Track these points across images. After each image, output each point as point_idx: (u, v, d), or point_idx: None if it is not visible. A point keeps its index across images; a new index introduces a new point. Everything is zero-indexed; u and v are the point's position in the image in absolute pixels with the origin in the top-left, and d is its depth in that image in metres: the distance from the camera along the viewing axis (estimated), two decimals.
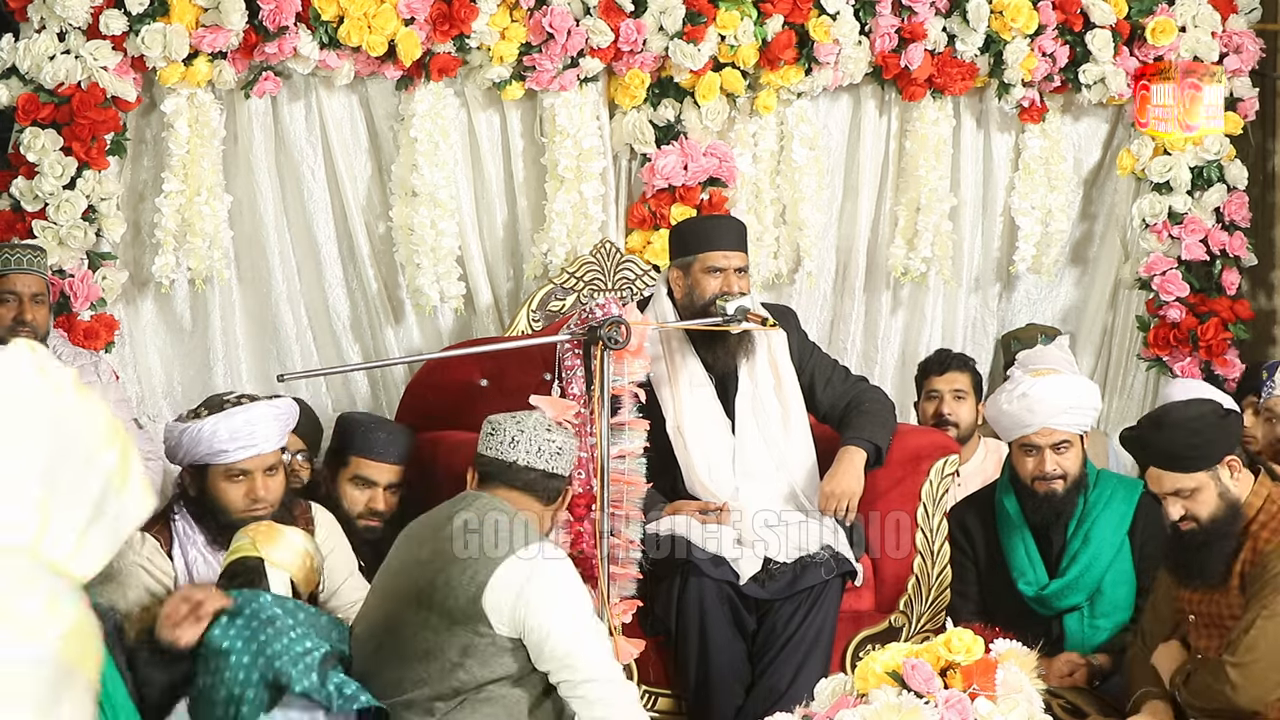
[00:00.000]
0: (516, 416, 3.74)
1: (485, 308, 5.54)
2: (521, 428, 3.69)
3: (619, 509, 4.20)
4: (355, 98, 5.45)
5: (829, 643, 4.51)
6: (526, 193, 5.54)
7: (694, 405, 4.60)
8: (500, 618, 3.50)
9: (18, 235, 5.04)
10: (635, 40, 5.34)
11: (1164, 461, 3.85)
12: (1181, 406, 3.99)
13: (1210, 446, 3.83)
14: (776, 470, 4.60)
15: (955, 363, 5.40)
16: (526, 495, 3.69)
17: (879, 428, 4.65)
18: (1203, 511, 3.84)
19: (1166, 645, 4.01)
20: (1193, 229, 5.83)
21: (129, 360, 5.37)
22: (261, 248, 5.44)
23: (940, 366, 5.38)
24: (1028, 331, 5.82)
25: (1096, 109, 5.92)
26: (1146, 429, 3.93)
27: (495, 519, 3.59)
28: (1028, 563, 4.57)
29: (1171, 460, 3.83)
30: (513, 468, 3.67)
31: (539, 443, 3.68)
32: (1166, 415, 3.92)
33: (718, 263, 4.58)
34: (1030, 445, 4.52)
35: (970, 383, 5.38)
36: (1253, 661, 3.73)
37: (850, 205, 5.81)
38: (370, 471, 4.59)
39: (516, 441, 3.67)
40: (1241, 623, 3.78)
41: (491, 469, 3.69)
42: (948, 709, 3.30)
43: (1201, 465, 3.82)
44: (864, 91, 5.74)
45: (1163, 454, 3.85)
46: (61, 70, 5.02)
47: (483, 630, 3.50)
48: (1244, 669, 3.73)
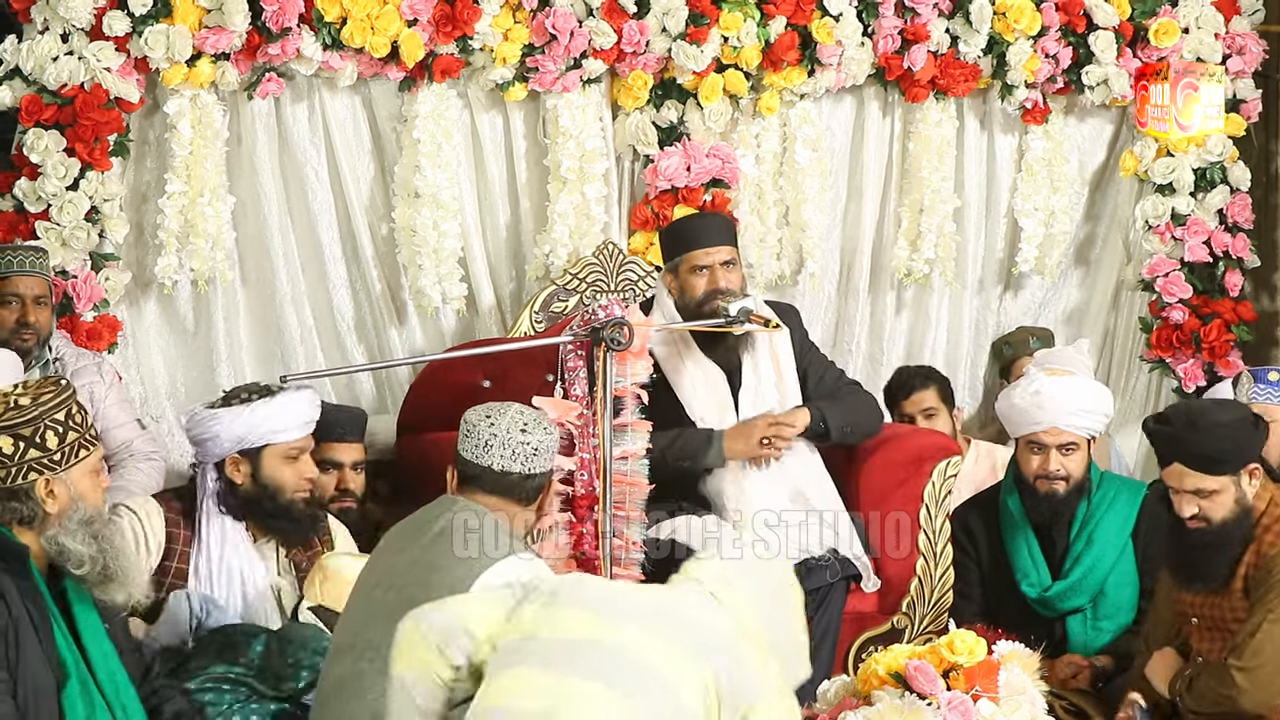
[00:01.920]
0: (490, 415, 3.60)
1: (488, 309, 5.55)
2: (495, 431, 3.56)
3: (621, 510, 4.21)
4: (358, 99, 5.45)
5: (833, 645, 4.51)
6: (529, 194, 5.54)
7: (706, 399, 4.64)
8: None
9: (21, 236, 5.05)
10: (638, 41, 5.34)
11: (1193, 462, 3.83)
12: (1215, 409, 3.97)
13: (1240, 452, 3.83)
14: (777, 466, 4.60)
15: (918, 381, 5.39)
16: (505, 499, 3.58)
17: (839, 409, 4.68)
18: (1217, 514, 3.83)
19: (1161, 654, 3.99)
20: (1196, 231, 5.82)
21: (132, 361, 5.37)
22: (264, 249, 5.44)
23: (905, 389, 5.38)
24: (1019, 335, 5.82)
25: (1101, 110, 5.92)
26: (1181, 428, 3.86)
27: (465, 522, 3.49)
28: (1031, 564, 4.57)
29: (1201, 461, 3.82)
30: (489, 472, 3.56)
31: (513, 446, 3.56)
32: (1202, 416, 3.88)
33: (701, 261, 4.63)
34: (1037, 443, 4.52)
35: (939, 396, 5.38)
36: (1258, 666, 3.72)
37: (854, 207, 5.81)
38: (336, 453, 4.74)
39: (490, 446, 3.56)
40: (1247, 626, 3.78)
41: (469, 471, 3.60)
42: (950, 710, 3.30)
43: (1228, 470, 3.82)
44: (867, 93, 5.74)
45: (1194, 454, 3.83)
46: (65, 71, 5.02)
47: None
48: (1250, 673, 3.72)
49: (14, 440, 3.31)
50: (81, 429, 3.40)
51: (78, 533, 3.33)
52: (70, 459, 3.36)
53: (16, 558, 3.30)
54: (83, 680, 3.32)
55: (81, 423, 3.40)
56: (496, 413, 3.60)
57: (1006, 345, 5.81)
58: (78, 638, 3.36)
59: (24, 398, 3.34)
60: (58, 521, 3.34)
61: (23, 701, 3.21)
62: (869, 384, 5.34)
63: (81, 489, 3.38)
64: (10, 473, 3.32)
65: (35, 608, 3.29)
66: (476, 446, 3.57)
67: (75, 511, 3.35)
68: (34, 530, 3.34)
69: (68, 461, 3.36)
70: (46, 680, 3.26)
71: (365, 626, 3.51)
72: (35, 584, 3.31)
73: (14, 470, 3.32)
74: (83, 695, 3.30)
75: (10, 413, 3.32)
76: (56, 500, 3.34)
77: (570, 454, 4.23)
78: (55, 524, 3.34)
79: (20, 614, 3.25)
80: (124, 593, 3.38)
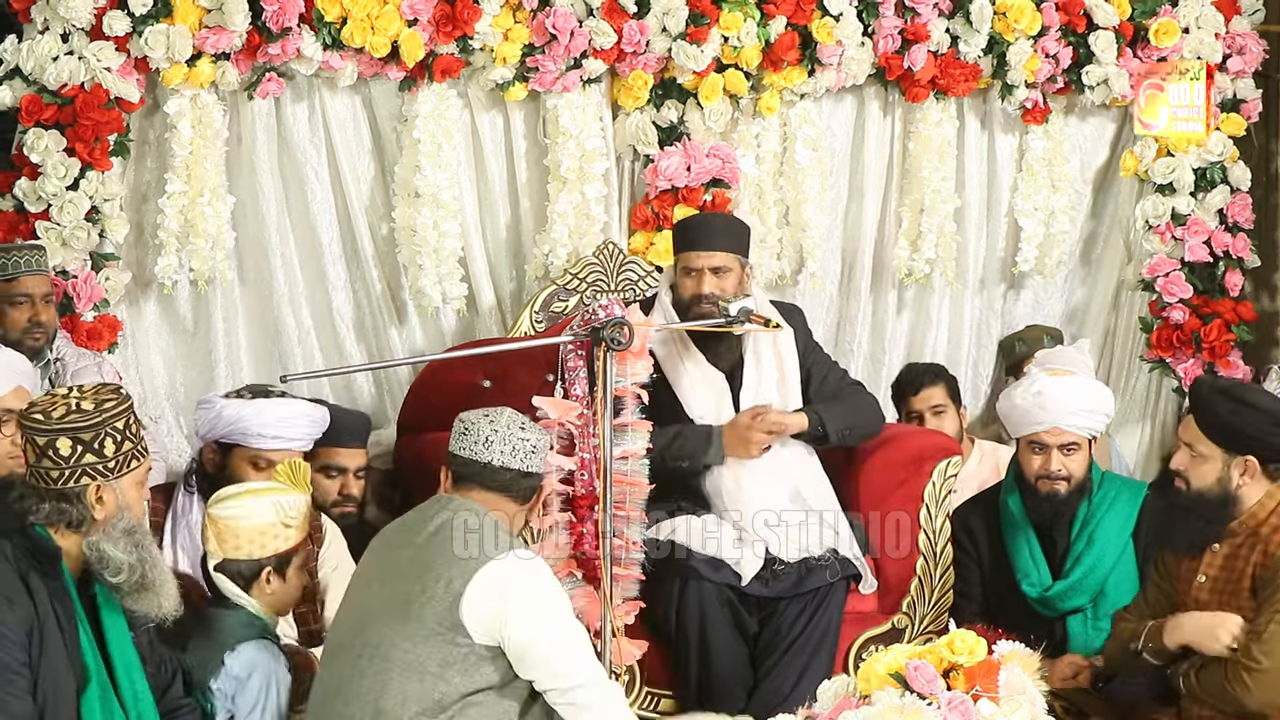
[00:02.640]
0: (489, 414, 3.64)
1: (488, 309, 5.54)
2: (495, 427, 3.60)
3: (621, 510, 4.21)
4: (358, 99, 5.45)
5: (833, 645, 4.51)
6: (529, 194, 5.54)
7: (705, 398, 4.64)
8: (478, 627, 3.43)
9: (21, 236, 5.04)
10: (638, 41, 5.34)
11: (1203, 420, 3.92)
12: (1260, 394, 4.03)
13: (1243, 438, 3.88)
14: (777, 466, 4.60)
15: (927, 378, 5.37)
16: (502, 496, 3.61)
17: (837, 411, 4.67)
18: (1195, 480, 3.92)
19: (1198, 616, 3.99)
20: (1196, 230, 5.82)
21: (132, 361, 5.37)
22: (264, 249, 5.44)
23: (913, 386, 5.37)
24: (1032, 333, 5.81)
25: (1104, 110, 5.91)
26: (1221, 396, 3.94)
27: (465, 521, 3.52)
28: (1031, 564, 4.57)
29: (1208, 423, 3.91)
30: (488, 468, 3.59)
31: (513, 442, 3.60)
32: (1245, 395, 3.96)
33: (692, 263, 4.65)
34: (1038, 443, 4.53)
35: (946, 393, 5.37)
36: (1267, 667, 3.72)
37: (855, 207, 5.81)
38: (341, 459, 4.72)
39: (491, 441, 3.59)
40: (1255, 626, 3.78)
41: (466, 470, 3.61)
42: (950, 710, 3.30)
43: (1223, 444, 3.89)
44: (867, 93, 5.74)
45: (1209, 414, 3.91)
46: (65, 71, 5.02)
47: (460, 640, 3.43)
48: (1257, 674, 3.73)
49: (73, 443, 3.32)
50: (136, 439, 3.41)
51: (120, 541, 3.35)
52: (124, 468, 3.38)
53: (49, 559, 3.32)
54: (103, 686, 3.33)
55: (137, 433, 3.42)
56: (494, 412, 3.64)
57: (1020, 342, 5.78)
58: (103, 644, 3.37)
59: (85, 401, 3.35)
60: (102, 528, 3.35)
61: (41, 701, 3.22)
62: (871, 384, 5.35)
63: (129, 498, 3.40)
64: (64, 474, 3.33)
65: (62, 609, 3.30)
66: (476, 443, 3.58)
67: (120, 520, 3.37)
68: (79, 534, 3.35)
69: (120, 470, 3.37)
70: (67, 682, 3.27)
71: (363, 626, 3.52)
72: (65, 585, 3.33)
73: (68, 472, 3.33)
74: (101, 701, 3.31)
75: (73, 415, 3.32)
76: (104, 507, 3.36)
77: (570, 454, 4.23)
78: (99, 530, 3.35)
79: (47, 614, 3.26)
80: (156, 603, 3.39)
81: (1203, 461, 3.91)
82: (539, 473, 3.68)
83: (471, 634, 3.43)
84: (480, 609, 3.43)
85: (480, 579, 3.44)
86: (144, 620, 3.44)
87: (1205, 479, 3.91)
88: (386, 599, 3.51)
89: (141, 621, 3.45)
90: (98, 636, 3.37)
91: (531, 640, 3.45)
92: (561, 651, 3.49)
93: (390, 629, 3.46)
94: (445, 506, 3.59)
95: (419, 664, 3.42)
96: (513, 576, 3.45)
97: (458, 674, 3.43)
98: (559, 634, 3.49)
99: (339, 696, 3.48)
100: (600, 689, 3.54)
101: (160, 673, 3.55)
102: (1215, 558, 3.95)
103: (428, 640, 3.43)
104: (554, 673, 3.48)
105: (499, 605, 3.43)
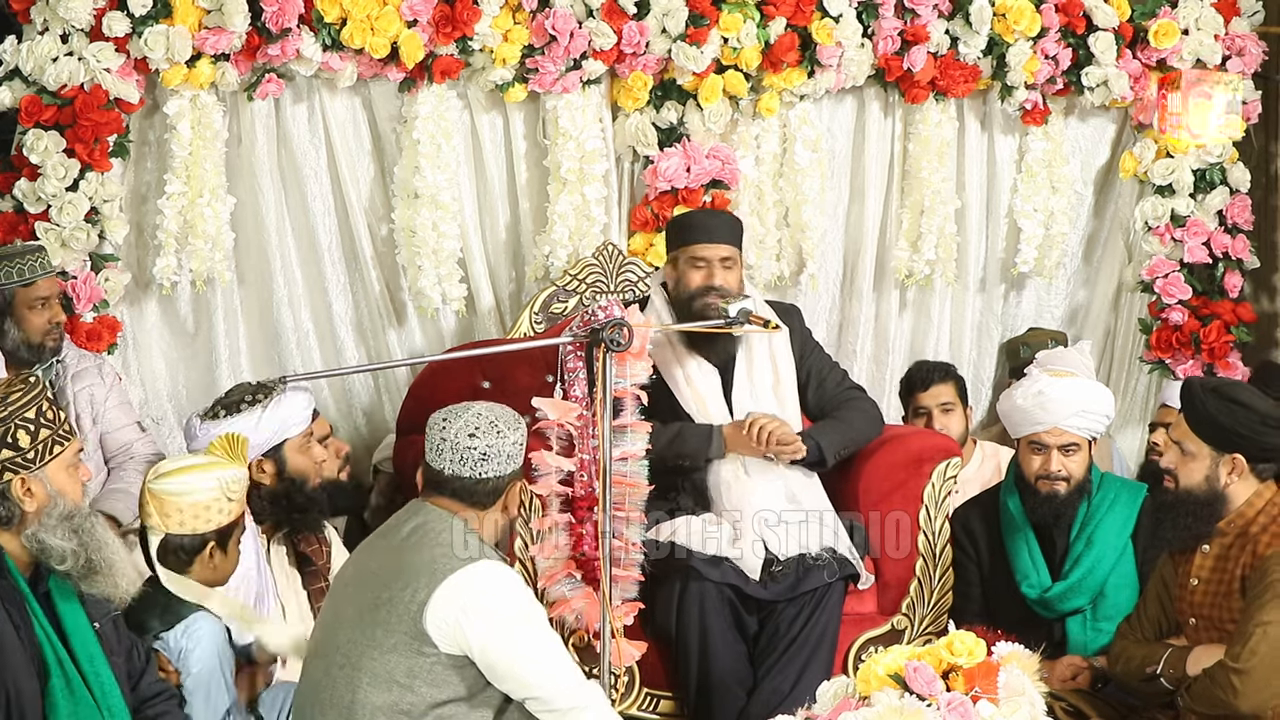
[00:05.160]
0: (446, 418, 3.52)
1: (487, 310, 5.55)
2: (444, 435, 3.49)
3: (621, 511, 4.21)
4: (358, 100, 5.45)
5: (832, 645, 4.51)
6: (529, 195, 5.54)
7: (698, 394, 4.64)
8: (442, 637, 3.34)
9: (20, 237, 5.05)
10: (638, 42, 5.34)
11: (1192, 418, 3.93)
12: (1250, 393, 4.02)
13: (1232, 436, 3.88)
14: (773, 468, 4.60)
15: (937, 375, 5.37)
16: (458, 502, 3.50)
17: (832, 433, 4.67)
18: (1182, 477, 3.94)
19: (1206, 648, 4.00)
20: (1195, 232, 5.82)
21: (132, 362, 5.38)
22: (263, 250, 5.44)
23: (923, 382, 5.36)
24: (1037, 336, 5.81)
25: (1104, 111, 5.92)
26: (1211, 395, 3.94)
27: (434, 528, 3.45)
28: (1031, 565, 4.57)
29: (1197, 421, 3.91)
30: (440, 476, 3.50)
31: (460, 450, 3.47)
32: (1235, 393, 3.96)
33: (701, 254, 4.65)
34: (1038, 443, 4.53)
35: (955, 392, 5.37)
36: (1254, 668, 3.72)
37: (857, 208, 5.82)
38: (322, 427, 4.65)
39: (441, 451, 3.49)
40: (1243, 629, 3.78)
41: (428, 475, 3.55)
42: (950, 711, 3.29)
43: (1211, 442, 3.90)
44: (867, 94, 5.74)
45: (1198, 412, 3.92)
46: (64, 72, 5.02)
47: (426, 650, 3.34)
48: (1245, 675, 3.72)
49: None
50: (54, 424, 3.34)
51: (58, 529, 3.29)
52: (44, 456, 3.31)
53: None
54: (68, 678, 3.29)
55: (54, 418, 3.34)
56: (452, 415, 3.52)
57: (1025, 345, 5.78)
58: (64, 638, 3.34)
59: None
60: (37, 519, 3.29)
61: (3, 701, 3.19)
62: (874, 387, 5.36)
63: (59, 485, 3.33)
64: None
65: (15, 608, 3.26)
66: (431, 450, 3.52)
67: (54, 508, 3.30)
68: (13, 530, 3.30)
69: (42, 459, 3.31)
70: (29, 680, 3.23)
71: (335, 631, 3.48)
72: (14, 584, 3.28)
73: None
74: (66, 694, 3.27)
75: None
76: (34, 498, 3.30)
77: (570, 455, 4.23)
78: (35, 522, 3.29)
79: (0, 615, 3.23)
80: (111, 584, 3.33)
81: (1191, 459, 3.92)
82: (497, 476, 3.51)
83: (437, 644, 3.35)
84: (443, 618, 3.34)
85: (443, 589, 3.35)
86: (105, 608, 3.40)
87: (1192, 477, 3.92)
88: (358, 606, 3.44)
89: (104, 609, 3.41)
90: (57, 630, 3.33)
91: (496, 651, 3.35)
92: (529, 661, 3.38)
93: (361, 636, 3.40)
94: (417, 513, 3.52)
95: (387, 673, 3.36)
96: (475, 585, 3.36)
97: (424, 684, 3.35)
98: (525, 643, 3.38)
99: (315, 704, 3.44)
100: (576, 697, 3.43)
101: (132, 659, 3.51)
102: (1206, 560, 3.95)
103: (395, 649, 3.35)
104: (524, 683, 3.39)
105: (460, 614, 3.34)
